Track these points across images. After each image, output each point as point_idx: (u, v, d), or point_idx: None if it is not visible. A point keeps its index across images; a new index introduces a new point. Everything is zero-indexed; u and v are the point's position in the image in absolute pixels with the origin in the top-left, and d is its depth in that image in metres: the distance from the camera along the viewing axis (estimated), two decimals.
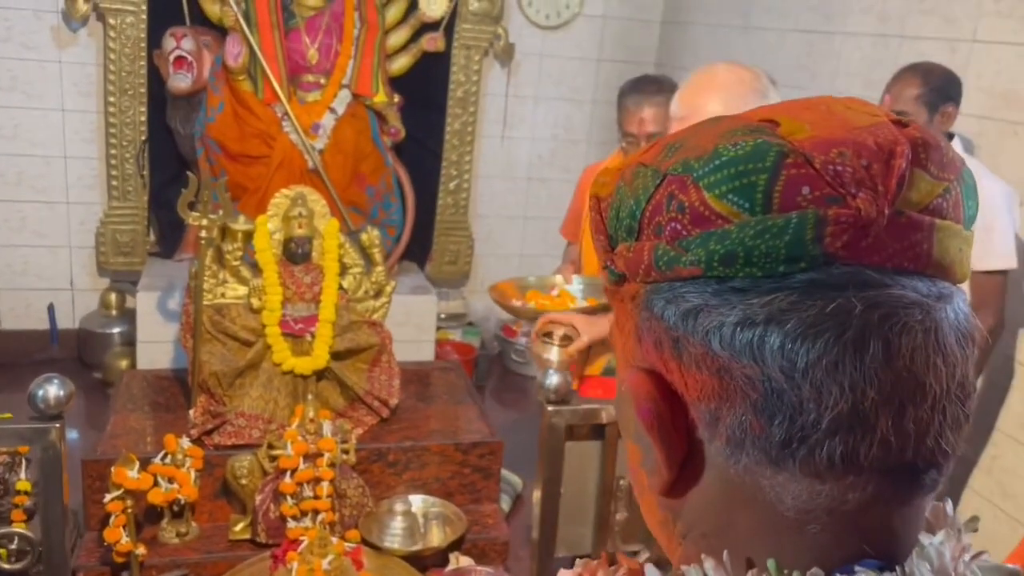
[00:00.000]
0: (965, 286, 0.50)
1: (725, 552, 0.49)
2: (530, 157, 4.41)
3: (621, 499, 1.86)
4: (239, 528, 2.13)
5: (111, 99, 3.66)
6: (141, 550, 1.93)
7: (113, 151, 3.72)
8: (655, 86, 2.37)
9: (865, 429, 0.44)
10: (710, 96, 1.58)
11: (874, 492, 0.46)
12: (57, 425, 1.27)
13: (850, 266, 0.44)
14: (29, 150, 3.76)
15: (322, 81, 3.49)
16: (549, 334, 2.09)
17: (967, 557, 0.50)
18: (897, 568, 0.47)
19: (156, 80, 3.60)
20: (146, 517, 2.08)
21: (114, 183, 3.77)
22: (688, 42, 4.14)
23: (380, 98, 3.61)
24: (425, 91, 3.89)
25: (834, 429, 0.44)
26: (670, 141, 0.50)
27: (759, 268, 0.45)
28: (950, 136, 2.34)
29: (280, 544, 1.99)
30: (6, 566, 1.36)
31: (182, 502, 2.06)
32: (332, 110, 3.49)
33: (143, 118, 3.68)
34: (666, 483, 0.51)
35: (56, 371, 3.77)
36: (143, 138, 3.71)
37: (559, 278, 2.54)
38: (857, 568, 0.46)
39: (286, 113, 3.39)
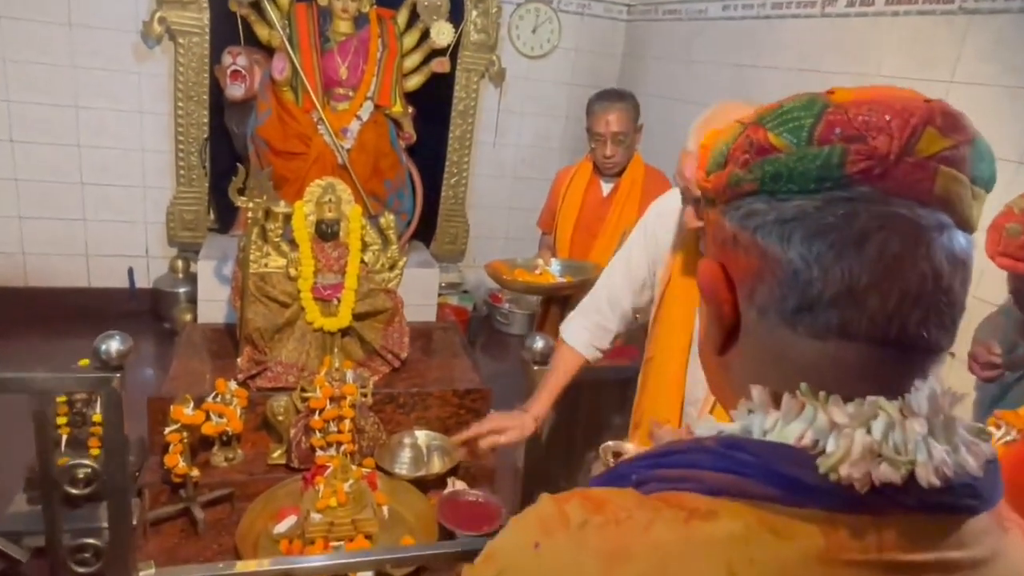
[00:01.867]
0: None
1: (759, 387, 0.49)
2: (515, 160, 4.26)
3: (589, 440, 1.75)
4: (276, 455, 2.01)
5: (179, 104, 3.48)
6: (195, 472, 1.81)
7: (181, 146, 3.55)
8: (617, 96, 2.26)
9: (857, 305, 0.45)
10: None
11: (866, 357, 0.46)
12: (118, 375, 1.14)
13: (864, 189, 0.45)
14: (113, 144, 3.58)
15: (350, 93, 3.31)
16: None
17: (952, 401, 0.48)
18: (900, 398, 0.46)
19: (216, 89, 3.42)
20: (200, 444, 1.95)
21: (181, 172, 3.60)
22: (642, 71, 3.99)
23: (397, 109, 3.45)
24: (433, 104, 3.73)
25: (833, 302, 0.45)
26: (758, 109, 0.53)
27: (797, 184, 0.47)
28: None
29: (310, 469, 1.88)
30: (76, 492, 1.23)
31: (230, 433, 1.94)
32: (358, 117, 3.33)
33: (205, 120, 3.50)
34: (717, 342, 0.53)
35: (133, 322, 3.66)
36: (205, 136, 3.53)
37: (540, 260, 2.43)
38: (869, 397, 0.46)
39: (321, 119, 3.22)
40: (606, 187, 2.32)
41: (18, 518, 1.80)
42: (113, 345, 1.14)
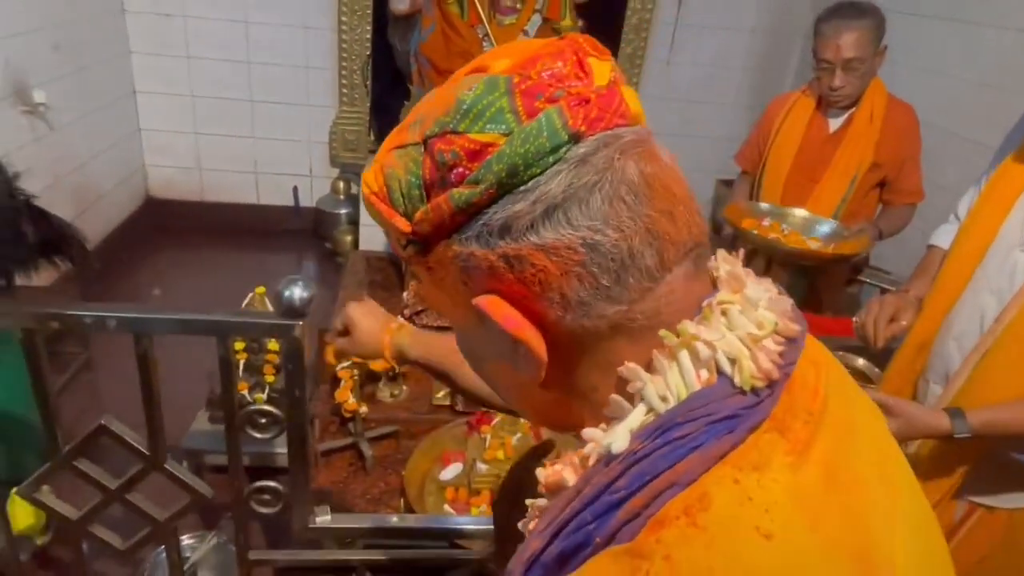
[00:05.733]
0: None
1: (628, 364, 0.46)
2: (690, 82, 3.90)
3: None
4: (440, 395, 1.98)
5: (343, 19, 3.44)
6: (364, 409, 1.82)
7: (344, 63, 3.54)
8: (856, 11, 1.84)
9: (660, 239, 0.45)
10: None
11: (683, 275, 0.46)
12: (300, 323, 1.09)
13: (594, 136, 0.45)
14: (280, 60, 3.63)
15: (518, 6, 3.11)
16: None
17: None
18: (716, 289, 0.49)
19: (380, 2, 3.34)
20: (367, 378, 1.96)
21: (344, 91, 3.60)
22: None
23: (567, 23, 3.20)
24: (605, 18, 3.45)
25: (630, 250, 0.45)
26: (410, 122, 0.49)
27: (536, 167, 0.44)
28: None
29: (474, 413, 1.84)
30: (258, 435, 1.23)
31: (396, 370, 1.93)
32: (525, 32, 3.12)
33: (368, 36, 3.46)
34: (545, 365, 0.49)
35: (297, 240, 3.78)
36: (367, 53, 3.49)
37: (800, 212, 1.98)
38: (706, 299, 0.48)
39: (487, 34, 3.05)
40: (834, 123, 1.96)
41: (201, 436, 1.90)
42: (296, 292, 1.09)
